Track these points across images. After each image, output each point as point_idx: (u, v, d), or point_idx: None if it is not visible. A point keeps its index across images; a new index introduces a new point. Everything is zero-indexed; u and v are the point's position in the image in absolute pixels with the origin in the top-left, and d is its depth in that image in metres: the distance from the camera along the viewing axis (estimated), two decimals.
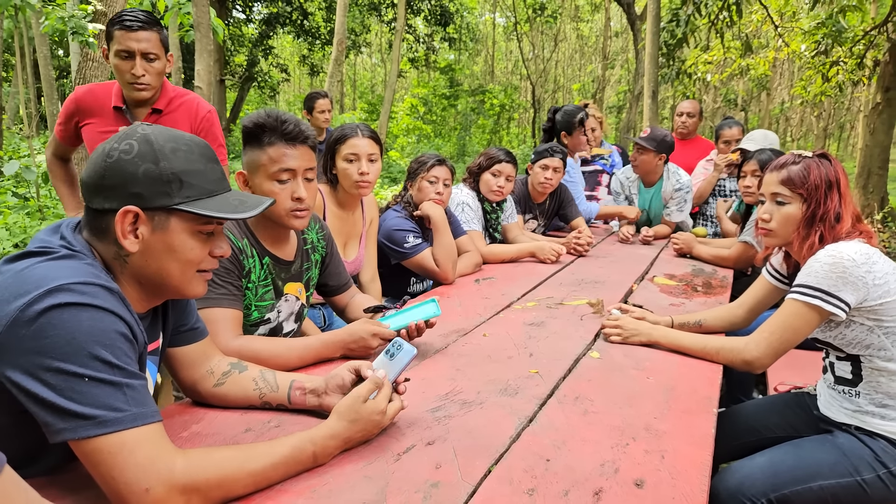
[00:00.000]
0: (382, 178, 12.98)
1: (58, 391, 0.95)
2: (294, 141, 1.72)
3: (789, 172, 1.81)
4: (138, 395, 1.02)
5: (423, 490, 1.14)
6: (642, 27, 15.43)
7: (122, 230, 1.11)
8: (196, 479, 1.03)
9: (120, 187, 1.10)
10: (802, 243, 1.80)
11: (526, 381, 1.67)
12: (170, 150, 1.13)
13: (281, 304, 1.90)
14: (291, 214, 1.76)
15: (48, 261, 1.04)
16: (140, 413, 1.01)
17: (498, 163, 3.32)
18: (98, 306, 1.00)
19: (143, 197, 1.10)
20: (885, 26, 9.06)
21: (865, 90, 11.91)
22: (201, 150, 1.19)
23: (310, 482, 1.15)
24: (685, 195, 4.06)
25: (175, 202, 1.12)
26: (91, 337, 0.97)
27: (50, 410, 0.95)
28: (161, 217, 1.13)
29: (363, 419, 1.25)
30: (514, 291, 2.64)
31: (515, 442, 1.34)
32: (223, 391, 1.43)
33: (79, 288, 0.99)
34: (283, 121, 1.70)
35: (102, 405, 0.97)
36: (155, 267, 1.16)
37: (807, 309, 1.68)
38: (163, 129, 1.16)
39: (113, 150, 1.11)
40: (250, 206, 1.20)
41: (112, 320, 1.02)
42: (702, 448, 1.33)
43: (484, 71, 32.04)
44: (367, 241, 2.72)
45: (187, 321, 1.41)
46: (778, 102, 26.51)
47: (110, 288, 1.05)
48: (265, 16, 19.05)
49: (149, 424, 1.02)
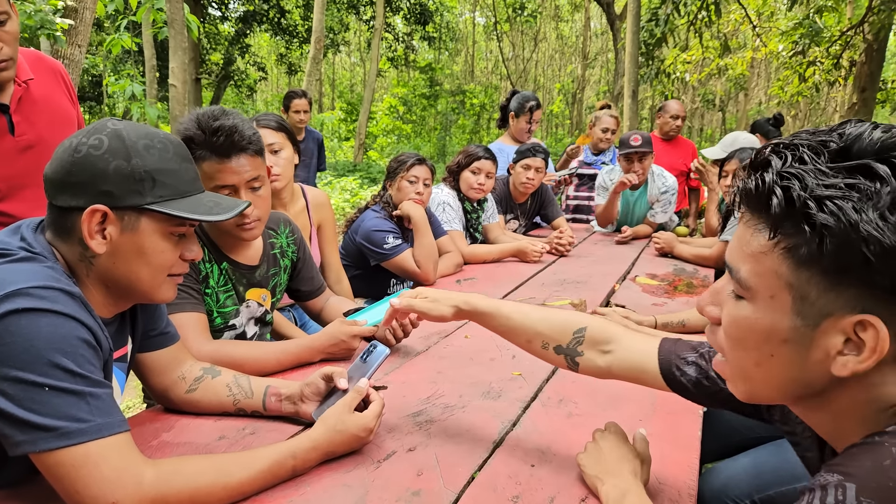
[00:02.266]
0: (361, 177, 12.88)
1: (16, 401, 0.90)
2: (228, 154, 1.58)
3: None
4: (102, 405, 0.96)
5: (405, 498, 1.10)
6: (622, 27, 15.52)
7: (89, 230, 1.04)
8: (166, 492, 0.98)
9: (88, 184, 1.04)
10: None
11: (509, 384, 1.63)
12: (143, 147, 1.07)
13: (242, 309, 1.84)
14: (239, 228, 1.67)
15: (5, 263, 0.98)
16: (105, 423, 0.95)
17: (477, 160, 3.29)
18: (58, 311, 0.95)
19: (112, 195, 1.04)
20: (861, 27, 9.19)
21: (841, 91, 12.08)
22: (176, 148, 1.14)
23: (286, 492, 1.10)
24: (670, 197, 4.06)
25: (147, 202, 1.07)
26: (51, 344, 0.92)
27: (8, 422, 0.90)
28: (131, 217, 1.07)
29: (348, 432, 1.20)
30: (495, 292, 2.60)
31: (499, 447, 1.30)
32: (196, 397, 1.38)
33: (37, 293, 0.94)
34: (213, 131, 1.55)
35: (64, 416, 0.92)
36: (123, 270, 1.10)
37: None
38: (135, 125, 1.11)
39: (81, 145, 1.05)
40: (225, 209, 1.16)
41: (73, 326, 0.96)
42: (688, 451, 1.31)
43: (464, 71, 32.05)
44: (326, 244, 2.62)
45: (157, 325, 1.36)
46: (755, 103, 26.81)
47: (71, 292, 0.99)
48: (241, 13, 18.88)
49: (115, 435, 0.96)
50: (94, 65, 15.13)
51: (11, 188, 1.91)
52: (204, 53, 18.96)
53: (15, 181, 1.91)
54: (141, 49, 9.44)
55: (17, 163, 1.91)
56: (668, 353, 1.12)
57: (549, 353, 1.23)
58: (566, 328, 1.22)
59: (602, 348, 1.18)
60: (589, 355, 1.19)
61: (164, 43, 8.33)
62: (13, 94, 1.91)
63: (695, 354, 1.09)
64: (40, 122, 1.97)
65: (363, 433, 1.21)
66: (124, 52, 13.97)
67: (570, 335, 1.21)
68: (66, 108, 2.10)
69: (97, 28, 14.86)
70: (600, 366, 1.18)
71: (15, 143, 1.90)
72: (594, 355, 1.18)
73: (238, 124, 1.58)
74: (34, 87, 2.00)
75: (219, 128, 1.55)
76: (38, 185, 1.93)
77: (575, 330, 1.20)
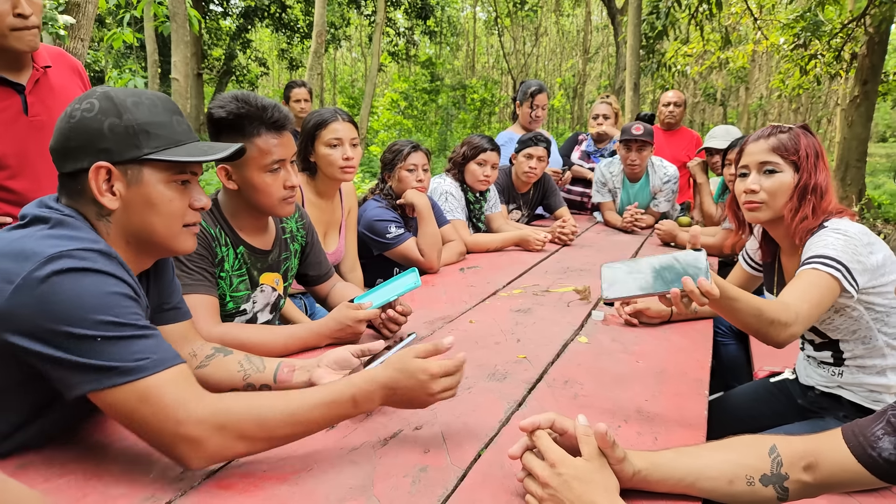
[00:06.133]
0: (363, 171, 12.90)
1: (72, 352, 0.96)
2: (280, 129, 1.64)
3: (779, 140, 1.68)
4: (153, 344, 1.03)
5: (412, 474, 1.10)
6: (623, 20, 15.49)
7: (98, 187, 1.10)
8: (231, 416, 1.02)
9: (87, 146, 1.10)
10: (794, 216, 1.65)
11: (514, 366, 1.64)
12: (132, 104, 1.13)
13: (256, 294, 1.85)
14: (283, 203, 1.71)
15: (45, 229, 1.05)
16: (160, 358, 1.02)
17: (483, 152, 3.28)
18: (99, 270, 1.01)
19: (111, 152, 1.11)
20: (863, 19, 9.16)
21: (843, 84, 12.05)
22: (164, 103, 1.19)
23: (294, 467, 1.11)
24: (672, 186, 4.06)
25: (144, 153, 1.12)
26: (96, 299, 0.99)
27: (65, 368, 0.97)
28: (133, 170, 1.13)
29: (410, 373, 1.14)
30: (499, 279, 2.61)
31: (505, 426, 1.31)
32: (206, 373, 1.39)
33: (78, 254, 1.00)
34: (264, 107, 1.61)
35: (121, 358, 0.98)
36: (138, 223, 1.16)
37: (832, 281, 1.49)
38: (123, 88, 1.17)
39: (75, 111, 1.12)
40: (218, 150, 1.20)
41: (114, 282, 1.03)
42: (695, 429, 1.31)
43: (465, 65, 31.99)
44: (347, 230, 2.67)
45: (170, 300, 1.38)
46: (756, 97, 26.74)
47: (108, 252, 1.06)
48: (243, 9, 18.84)
49: (172, 367, 1.03)
50: (97, 60, 15.12)
51: (22, 167, 1.95)
52: (206, 49, 18.96)
53: (26, 160, 1.95)
54: (143, 44, 9.43)
55: (29, 142, 1.95)
56: (855, 436, 1.03)
57: (756, 489, 1.04)
58: (757, 450, 1.07)
59: (801, 464, 1.04)
60: (796, 476, 1.04)
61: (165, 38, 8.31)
62: (30, 77, 1.95)
63: (881, 424, 1.00)
64: (55, 106, 2.01)
65: (424, 375, 1.14)
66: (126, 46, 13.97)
67: (768, 458, 1.06)
68: None
69: (99, 24, 14.86)
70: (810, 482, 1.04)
71: (28, 123, 1.94)
72: (799, 474, 1.04)
73: (277, 104, 1.65)
74: (52, 74, 2.05)
75: (267, 105, 1.61)
76: (46, 165, 1.95)
77: (768, 450, 1.07)
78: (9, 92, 1.91)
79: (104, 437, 1.20)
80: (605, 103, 4.81)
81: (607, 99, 4.86)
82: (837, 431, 1.05)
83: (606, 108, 4.77)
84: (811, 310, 1.46)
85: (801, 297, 1.48)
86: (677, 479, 1.05)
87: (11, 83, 1.91)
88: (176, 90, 5.91)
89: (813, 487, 1.04)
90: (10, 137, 1.91)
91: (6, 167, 1.92)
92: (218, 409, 1.02)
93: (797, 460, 1.04)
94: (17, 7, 1.81)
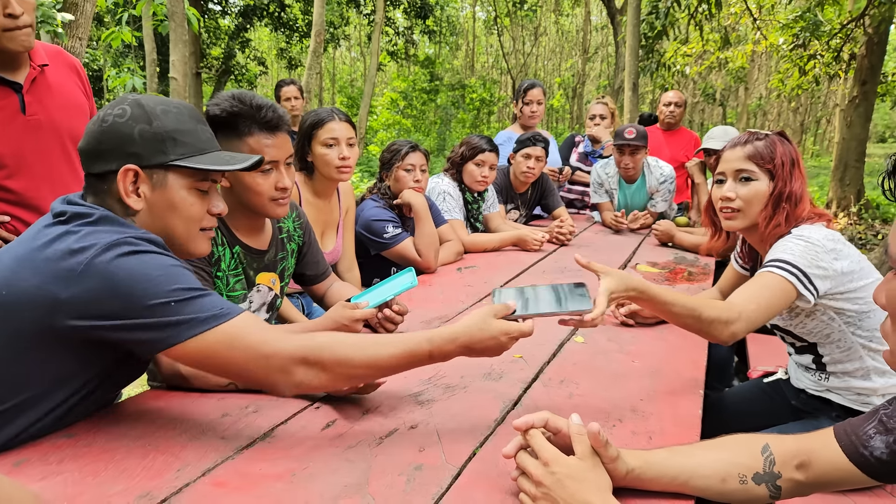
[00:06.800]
0: (362, 171, 12.91)
1: (155, 316, 1.06)
2: (274, 129, 1.65)
3: (755, 147, 1.70)
4: (220, 300, 1.14)
5: (407, 472, 1.11)
6: (622, 20, 15.49)
7: (125, 188, 1.18)
8: (314, 350, 1.13)
9: (117, 149, 1.18)
10: (768, 224, 1.67)
11: (510, 366, 1.64)
12: (161, 112, 1.21)
13: (252, 294, 1.86)
14: (274, 203, 1.71)
15: (89, 224, 1.12)
16: (231, 308, 1.13)
17: (481, 152, 3.28)
18: (153, 251, 1.12)
19: (140, 156, 1.18)
20: (862, 20, 9.17)
21: (842, 84, 12.06)
22: (190, 111, 1.27)
23: (290, 466, 1.11)
24: (669, 185, 4.06)
25: (171, 159, 1.20)
26: (161, 272, 1.09)
27: (153, 329, 1.06)
28: (159, 175, 1.21)
29: (490, 331, 1.21)
30: (496, 279, 2.61)
31: (500, 425, 1.31)
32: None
33: (131, 241, 1.10)
34: (258, 107, 1.61)
35: (197, 311, 1.09)
36: (160, 224, 1.24)
37: (786, 284, 1.54)
38: (151, 96, 1.24)
39: (107, 116, 1.19)
40: (240, 160, 1.29)
41: (169, 258, 1.14)
42: (689, 428, 1.32)
43: (464, 65, 32.00)
44: (345, 230, 2.67)
45: None
46: (756, 97, 26.76)
47: (153, 239, 1.16)
48: (241, 8, 18.82)
49: (245, 313, 1.14)
50: (95, 59, 15.12)
51: (19, 166, 1.95)
52: (204, 48, 18.94)
53: (23, 160, 1.95)
54: (141, 43, 9.43)
55: (26, 142, 1.95)
56: (847, 435, 1.03)
57: (749, 487, 1.05)
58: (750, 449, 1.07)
59: (794, 463, 1.04)
60: (788, 475, 1.04)
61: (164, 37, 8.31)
62: (27, 76, 1.95)
63: (873, 423, 1.01)
64: (52, 105, 2.01)
65: (504, 337, 1.22)
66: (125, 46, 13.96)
67: (760, 456, 1.06)
68: (79, 98, 2.15)
69: (98, 23, 14.84)
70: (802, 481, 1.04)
71: (26, 122, 1.94)
72: (792, 473, 1.04)
73: (274, 104, 1.66)
74: (49, 73, 2.04)
75: (263, 104, 1.63)
76: (44, 164, 1.99)
77: (760, 448, 1.07)
78: (6, 91, 1.91)
79: (100, 435, 1.20)
80: (602, 104, 4.82)
81: (603, 100, 4.88)
82: (830, 431, 1.06)
83: (603, 109, 4.77)
84: (758, 310, 1.51)
85: (749, 297, 1.54)
86: (671, 478, 1.05)
87: (8, 82, 1.91)
88: (174, 90, 5.91)
89: (805, 486, 1.05)
90: (8, 136, 1.90)
91: (3, 166, 1.91)
92: (301, 345, 1.12)
93: (790, 459, 1.05)
94: (7, 7, 1.79)
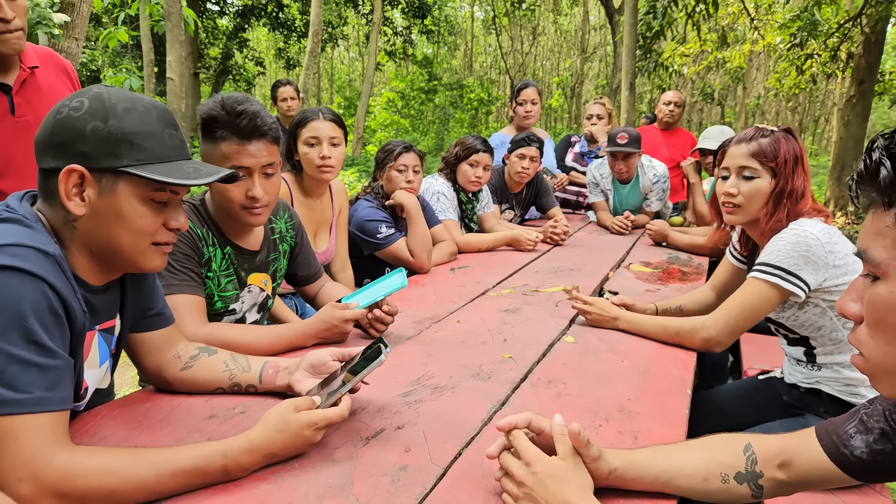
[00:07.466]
0: (360, 171, 12.89)
1: None
2: (249, 137, 1.60)
3: (759, 145, 1.73)
4: (47, 378, 0.95)
5: (391, 473, 1.11)
6: (620, 20, 15.49)
7: (66, 190, 1.05)
8: (73, 481, 0.94)
9: (66, 145, 1.05)
10: (768, 220, 1.73)
11: (499, 366, 1.64)
12: (122, 110, 1.07)
13: (244, 294, 1.86)
14: (245, 211, 1.68)
15: None
16: (41, 398, 0.94)
17: (475, 153, 3.29)
18: (27, 271, 0.95)
19: (89, 156, 1.05)
20: (859, 19, 9.18)
21: (839, 83, 12.07)
22: (160, 114, 1.13)
23: (274, 467, 1.11)
24: (663, 185, 4.06)
25: (122, 164, 1.06)
26: (14, 306, 0.92)
27: None
28: (108, 180, 1.07)
29: (290, 431, 1.09)
30: (489, 279, 2.61)
31: (487, 425, 1.31)
32: (190, 374, 1.38)
33: (10, 250, 0.95)
34: (237, 113, 1.57)
35: (4, 383, 0.91)
36: (103, 234, 1.10)
37: (767, 287, 1.65)
38: (119, 90, 1.10)
39: (63, 107, 1.07)
40: (205, 174, 1.12)
41: (40, 288, 0.96)
42: (675, 427, 1.32)
43: (463, 65, 32.00)
44: (338, 230, 2.67)
45: (154, 305, 1.37)
46: (754, 96, 26.76)
47: (46, 251, 0.99)
48: (239, 8, 18.83)
49: (47, 413, 0.94)
50: (93, 59, 15.10)
51: (8, 168, 1.95)
52: (202, 48, 18.93)
53: (12, 161, 1.95)
54: (138, 43, 9.43)
55: (15, 143, 1.95)
56: (828, 434, 1.03)
57: (731, 487, 1.05)
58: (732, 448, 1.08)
59: (775, 462, 1.05)
60: (770, 474, 1.05)
61: (161, 37, 8.30)
62: (17, 78, 1.94)
63: (853, 423, 1.01)
64: (42, 107, 2.00)
65: (308, 431, 1.10)
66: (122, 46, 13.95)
67: (742, 455, 1.07)
68: None
69: (95, 23, 14.83)
70: (784, 480, 1.04)
71: (15, 124, 1.94)
72: (773, 472, 1.04)
73: (260, 110, 1.61)
74: (39, 75, 2.04)
75: (243, 111, 1.58)
76: (33, 166, 1.96)
77: (743, 448, 1.08)
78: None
79: (87, 436, 1.20)
80: (599, 104, 4.83)
81: (601, 100, 4.89)
82: (811, 430, 1.06)
83: (600, 109, 4.79)
84: (730, 314, 1.69)
85: (727, 303, 1.71)
86: (653, 478, 1.05)
87: None
88: (171, 90, 5.92)
89: (787, 485, 1.05)
90: None
91: None
92: (61, 472, 0.93)
93: (771, 458, 1.05)
94: None
